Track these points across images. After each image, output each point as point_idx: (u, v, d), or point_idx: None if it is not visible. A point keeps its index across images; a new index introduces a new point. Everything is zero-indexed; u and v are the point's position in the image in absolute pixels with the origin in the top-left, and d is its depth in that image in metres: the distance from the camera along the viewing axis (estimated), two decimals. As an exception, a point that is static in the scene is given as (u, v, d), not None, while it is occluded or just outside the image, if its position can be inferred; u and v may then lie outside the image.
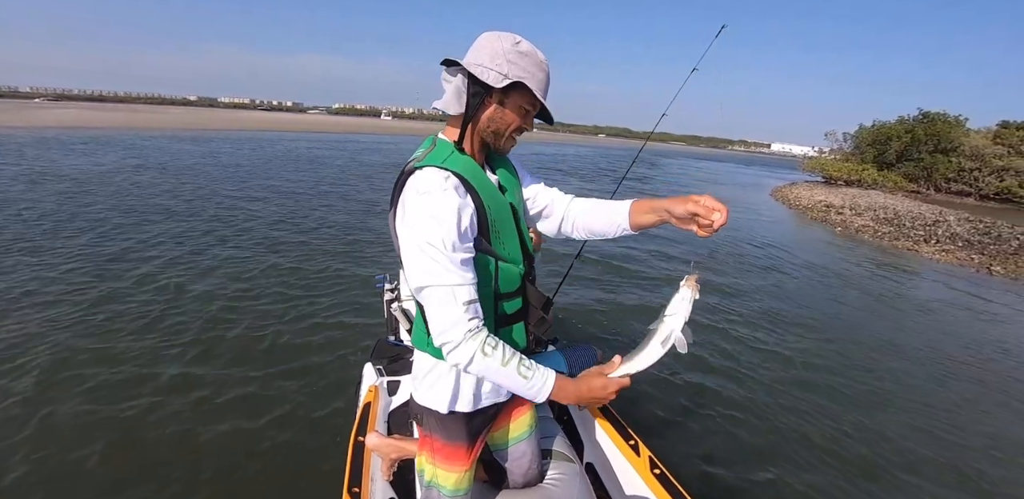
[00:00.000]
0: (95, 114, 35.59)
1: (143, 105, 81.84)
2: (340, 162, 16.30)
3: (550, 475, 1.47)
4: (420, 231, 0.93)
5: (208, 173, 11.18)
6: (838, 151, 31.61)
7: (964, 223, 13.71)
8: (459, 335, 0.94)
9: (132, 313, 3.67)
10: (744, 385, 3.48)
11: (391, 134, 42.95)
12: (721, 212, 0.96)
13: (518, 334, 1.16)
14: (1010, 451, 2.98)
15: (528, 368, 0.99)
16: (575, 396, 1.05)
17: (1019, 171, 25.07)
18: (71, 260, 4.67)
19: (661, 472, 1.57)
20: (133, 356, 3.09)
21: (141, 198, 7.77)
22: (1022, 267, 8.87)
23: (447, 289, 0.93)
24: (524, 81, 0.98)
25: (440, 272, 0.92)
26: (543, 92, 1.03)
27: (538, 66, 1.00)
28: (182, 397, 2.74)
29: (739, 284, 6.02)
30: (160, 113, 46.10)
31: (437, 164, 1.00)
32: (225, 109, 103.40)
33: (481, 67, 0.98)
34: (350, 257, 5.58)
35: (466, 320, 0.94)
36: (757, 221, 12.00)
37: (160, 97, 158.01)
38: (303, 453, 2.38)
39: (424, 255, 0.93)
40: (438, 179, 0.97)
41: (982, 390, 3.79)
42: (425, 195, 0.95)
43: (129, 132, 22.29)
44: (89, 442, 2.32)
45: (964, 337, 5.00)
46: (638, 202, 1.14)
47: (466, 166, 1.03)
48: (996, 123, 29.02)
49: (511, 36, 1.00)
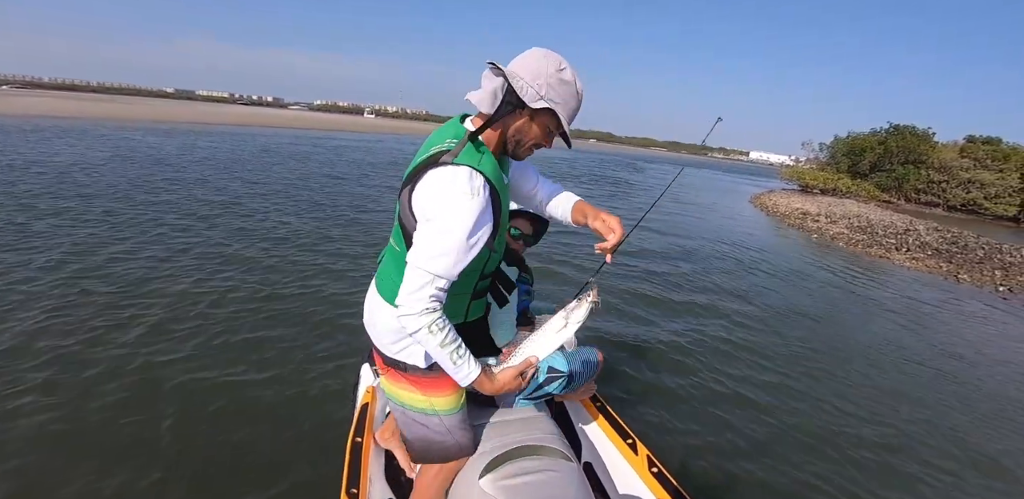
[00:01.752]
0: (67, 103, 34.35)
1: (118, 95, 79.29)
2: (336, 160, 16.09)
3: (548, 474, 1.47)
4: (441, 225, 1.03)
5: (183, 166, 10.89)
6: (814, 160, 32.52)
7: (933, 232, 14.25)
8: (417, 308, 1.05)
9: (119, 307, 3.56)
10: (738, 385, 3.55)
11: (374, 132, 42.54)
12: (615, 234, 1.15)
13: (482, 306, 1.38)
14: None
15: (460, 357, 1.11)
16: (491, 390, 1.20)
17: (984, 184, 26.18)
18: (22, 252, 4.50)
19: (659, 471, 1.59)
20: (129, 355, 3.00)
21: (113, 189, 7.52)
22: (987, 276, 9.26)
23: (431, 276, 1.04)
24: (556, 108, 1.06)
25: (442, 265, 1.04)
26: (570, 120, 1.10)
27: (573, 96, 1.08)
28: (177, 400, 2.66)
29: (722, 288, 6.14)
30: (136, 104, 44.81)
31: (474, 166, 1.05)
32: (203, 102, 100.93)
33: (523, 81, 1.04)
34: (343, 256, 5.49)
35: (428, 301, 1.05)
36: (737, 227, 12.26)
37: (136, 88, 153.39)
38: (301, 454, 2.35)
39: (433, 244, 1.03)
40: (476, 184, 1.04)
41: (947, 387, 3.96)
42: (462, 197, 1.02)
43: (104, 123, 21.58)
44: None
45: (933, 340, 5.20)
46: (579, 203, 1.32)
47: (493, 170, 1.11)
48: (963, 137, 30.29)
49: (558, 60, 1.06)
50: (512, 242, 1.81)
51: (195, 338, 3.31)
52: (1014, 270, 10.04)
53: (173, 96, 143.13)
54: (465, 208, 1.01)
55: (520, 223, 1.81)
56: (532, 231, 1.84)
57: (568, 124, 1.10)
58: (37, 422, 2.37)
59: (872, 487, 2.64)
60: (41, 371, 2.75)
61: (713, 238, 9.85)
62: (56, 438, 2.29)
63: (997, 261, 10.86)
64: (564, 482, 1.39)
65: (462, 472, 1.42)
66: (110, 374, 2.80)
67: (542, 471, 1.38)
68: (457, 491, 1.39)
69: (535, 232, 1.86)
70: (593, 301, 1.20)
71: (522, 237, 1.81)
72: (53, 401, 2.52)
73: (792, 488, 2.54)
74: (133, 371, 2.85)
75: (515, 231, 1.79)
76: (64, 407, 2.49)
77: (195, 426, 2.48)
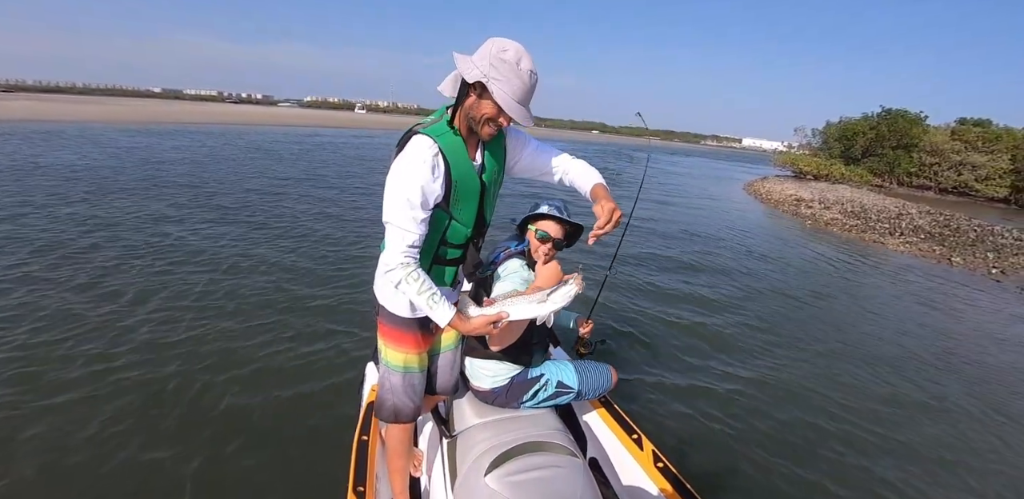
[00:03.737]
0: (51, 106, 33.81)
1: (103, 97, 77.92)
2: (332, 156, 15.95)
3: (553, 470, 1.48)
4: (398, 183, 1.23)
5: (175, 166, 10.78)
6: (807, 146, 32.55)
7: (926, 216, 14.34)
8: (395, 263, 1.25)
9: (110, 304, 3.55)
10: (744, 379, 3.55)
11: (367, 128, 42.17)
12: (610, 224, 1.24)
13: (449, 274, 1.49)
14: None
15: (436, 302, 1.27)
16: (465, 331, 1.33)
17: (975, 166, 26.31)
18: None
19: (664, 466, 1.61)
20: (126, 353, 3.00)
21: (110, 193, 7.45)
22: (979, 258, 9.35)
23: (400, 230, 1.24)
24: (493, 82, 1.17)
25: (400, 217, 1.23)
26: (517, 97, 1.20)
27: (515, 74, 1.18)
28: (172, 403, 2.67)
29: (717, 279, 6.19)
30: (123, 105, 44.14)
31: (432, 136, 1.25)
32: (191, 101, 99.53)
33: (470, 63, 1.19)
34: (349, 257, 5.48)
35: (403, 256, 1.24)
36: (733, 215, 12.29)
37: (121, 89, 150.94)
38: (307, 452, 2.36)
39: (395, 200, 1.23)
40: (427, 152, 1.23)
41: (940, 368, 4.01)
42: (413, 161, 1.22)
43: (90, 125, 21.28)
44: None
45: (932, 329, 5.27)
46: (597, 186, 1.42)
47: (451, 144, 1.28)
48: (954, 120, 30.36)
49: (503, 44, 1.19)
50: (539, 245, 1.70)
51: (195, 336, 3.31)
52: (1006, 252, 10.14)
53: (160, 96, 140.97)
54: (406, 169, 1.22)
55: (548, 226, 1.70)
56: (563, 235, 1.72)
57: (514, 99, 1.19)
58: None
59: (879, 481, 2.64)
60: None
61: (708, 227, 9.88)
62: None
63: (989, 243, 10.96)
64: (570, 478, 1.40)
65: (468, 468, 1.43)
66: (107, 387, 2.80)
67: (548, 467, 1.41)
68: (463, 488, 1.40)
69: (566, 236, 1.74)
70: (577, 286, 1.31)
71: (551, 240, 1.69)
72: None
73: (798, 483, 2.54)
74: (135, 367, 2.86)
75: (541, 233, 1.69)
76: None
77: (196, 427, 2.49)
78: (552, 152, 1.53)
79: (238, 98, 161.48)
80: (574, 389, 1.77)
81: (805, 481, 2.56)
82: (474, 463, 1.43)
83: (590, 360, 1.99)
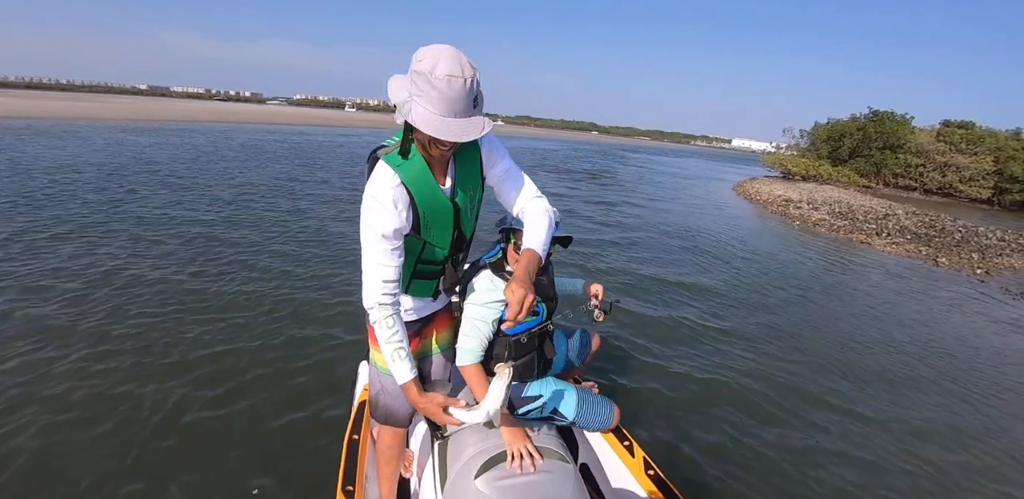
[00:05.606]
0: (33, 103, 33.21)
1: (88, 94, 76.78)
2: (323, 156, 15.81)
3: (544, 475, 1.46)
4: (365, 217, 1.21)
5: (162, 165, 10.62)
6: (795, 147, 32.87)
7: (912, 217, 14.54)
8: (373, 302, 1.23)
9: (102, 306, 3.47)
10: (738, 386, 3.51)
11: (357, 127, 41.93)
12: (521, 314, 1.11)
13: (430, 288, 1.48)
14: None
15: (401, 358, 1.25)
16: (411, 400, 1.30)
17: (959, 167, 26.76)
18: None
19: (655, 473, 1.60)
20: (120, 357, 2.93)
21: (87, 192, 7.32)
22: (964, 259, 9.49)
23: (374, 263, 1.21)
24: (414, 100, 1.06)
25: (371, 250, 1.21)
26: (437, 110, 1.05)
27: (430, 85, 1.02)
28: (168, 403, 2.62)
29: (706, 281, 6.20)
30: (108, 103, 43.51)
31: (392, 166, 1.19)
32: (179, 99, 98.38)
33: (400, 83, 1.12)
34: (337, 258, 5.42)
35: (380, 294, 1.22)
36: (723, 216, 12.37)
37: (107, 86, 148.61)
38: (297, 452, 2.33)
39: (364, 233, 1.21)
40: (387, 184, 1.18)
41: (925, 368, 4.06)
42: (376, 195, 1.18)
43: (72, 123, 20.92)
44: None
45: (918, 329, 5.32)
46: (528, 251, 1.28)
47: (412, 172, 1.21)
48: (939, 121, 30.86)
49: (421, 52, 1.05)
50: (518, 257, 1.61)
51: (192, 336, 3.26)
52: (990, 252, 10.30)
53: (147, 93, 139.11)
54: (369, 203, 1.19)
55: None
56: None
57: (440, 114, 1.05)
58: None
59: (870, 486, 2.63)
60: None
61: (697, 229, 9.93)
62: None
63: (974, 244, 11.14)
64: (560, 483, 1.39)
65: (458, 470, 1.41)
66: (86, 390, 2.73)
67: (538, 471, 1.39)
68: (453, 490, 1.38)
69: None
70: (504, 378, 1.21)
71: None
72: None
73: (790, 490, 2.52)
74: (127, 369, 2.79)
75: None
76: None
77: (186, 426, 2.46)
78: (518, 183, 1.39)
79: (226, 96, 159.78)
80: (568, 419, 1.69)
81: (797, 491, 2.53)
82: (464, 466, 1.41)
83: (598, 394, 1.83)
